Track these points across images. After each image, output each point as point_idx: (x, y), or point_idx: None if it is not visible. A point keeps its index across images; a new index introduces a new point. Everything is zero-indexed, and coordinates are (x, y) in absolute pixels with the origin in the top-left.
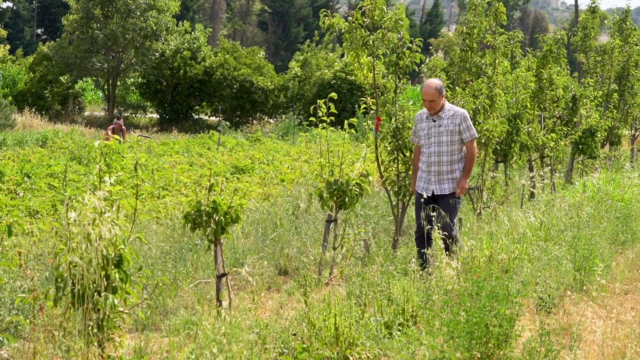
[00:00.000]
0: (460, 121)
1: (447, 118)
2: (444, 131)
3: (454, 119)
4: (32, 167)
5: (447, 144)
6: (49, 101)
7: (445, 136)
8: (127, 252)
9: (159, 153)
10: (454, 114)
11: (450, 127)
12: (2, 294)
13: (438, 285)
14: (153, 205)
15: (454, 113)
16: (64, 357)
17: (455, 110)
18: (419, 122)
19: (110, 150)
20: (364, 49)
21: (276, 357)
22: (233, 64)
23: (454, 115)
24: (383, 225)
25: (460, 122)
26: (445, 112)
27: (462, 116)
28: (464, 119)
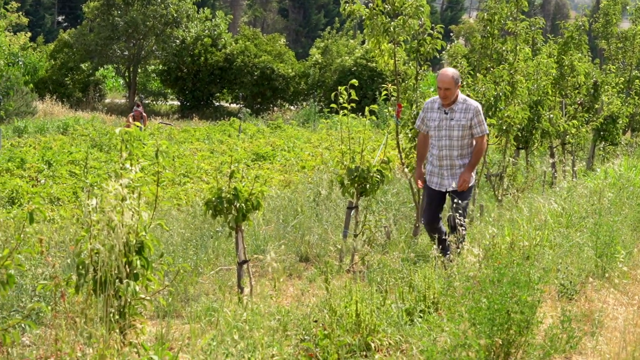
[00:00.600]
0: (472, 115)
1: (460, 111)
2: (456, 125)
3: (466, 113)
4: (53, 154)
5: (458, 138)
6: (69, 88)
7: (457, 131)
8: (149, 239)
9: (179, 140)
10: (467, 108)
11: (463, 122)
12: (24, 281)
13: (459, 272)
14: (174, 192)
15: (467, 106)
16: (85, 343)
17: (469, 104)
18: (428, 111)
19: (132, 137)
20: (384, 36)
21: (297, 344)
22: (254, 51)
23: (467, 109)
24: (404, 212)
25: (473, 116)
26: (458, 105)
27: (474, 110)
28: (477, 113)
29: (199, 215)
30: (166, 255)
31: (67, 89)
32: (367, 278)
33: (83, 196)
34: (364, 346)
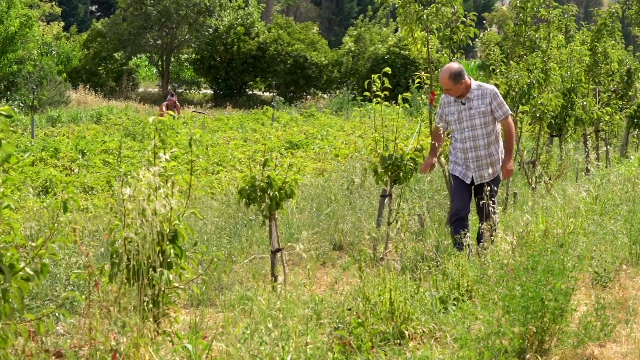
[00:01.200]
0: (490, 100)
1: (477, 98)
2: (476, 114)
3: (483, 99)
4: (86, 143)
5: (481, 126)
6: (103, 78)
7: (478, 118)
8: (182, 228)
9: (213, 129)
10: (483, 93)
11: (482, 108)
12: (57, 270)
13: (493, 259)
14: (207, 181)
15: (483, 92)
16: (119, 332)
17: (484, 89)
18: (446, 106)
19: (165, 126)
20: (417, 24)
21: (331, 332)
22: (287, 40)
23: (482, 94)
24: (438, 199)
25: (491, 100)
26: (474, 92)
27: (491, 94)
28: (494, 96)
29: (232, 204)
30: (200, 244)
31: (101, 78)
32: (401, 266)
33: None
34: (397, 334)
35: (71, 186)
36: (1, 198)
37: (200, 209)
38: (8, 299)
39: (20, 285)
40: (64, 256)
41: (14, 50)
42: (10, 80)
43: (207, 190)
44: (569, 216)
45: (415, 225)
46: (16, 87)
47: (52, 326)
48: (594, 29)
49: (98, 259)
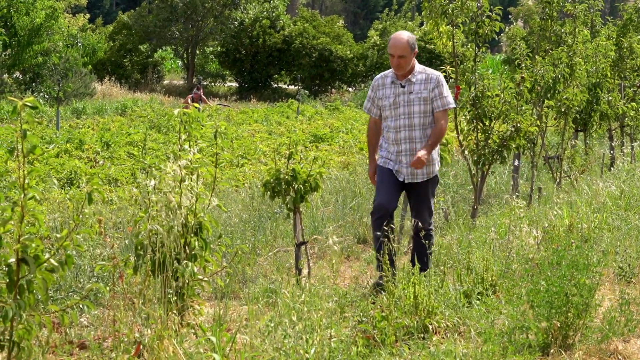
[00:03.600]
0: (434, 86)
1: (419, 82)
2: (416, 99)
3: (427, 84)
4: (111, 135)
5: (419, 115)
6: (128, 70)
7: (418, 105)
8: (207, 220)
9: (238, 122)
10: (428, 78)
11: (424, 94)
12: (82, 262)
13: (518, 254)
14: (232, 174)
15: (428, 76)
16: (143, 324)
17: (429, 73)
18: (380, 89)
19: (190, 118)
20: (443, 18)
21: (355, 326)
22: (312, 33)
23: (427, 79)
24: (462, 194)
25: (435, 86)
26: (416, 75)
27: (437, 80)
28: (439, 83)
29: (257, 197)
30: (224, 237)
31: (126, 70)
32: None
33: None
34: (421, 328)
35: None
36: (26, 189)
37: (224, 202)
38: (32, 290)
39: (44, 277)
40: (89, 248)
41: (40, 41)
42: (35, 72)
43: (232, 183)
44: (593, 211)
45: (439, 219)
46: (41, 79)
47: (76, 318)
48: (619, 24)
49: (122, 250)
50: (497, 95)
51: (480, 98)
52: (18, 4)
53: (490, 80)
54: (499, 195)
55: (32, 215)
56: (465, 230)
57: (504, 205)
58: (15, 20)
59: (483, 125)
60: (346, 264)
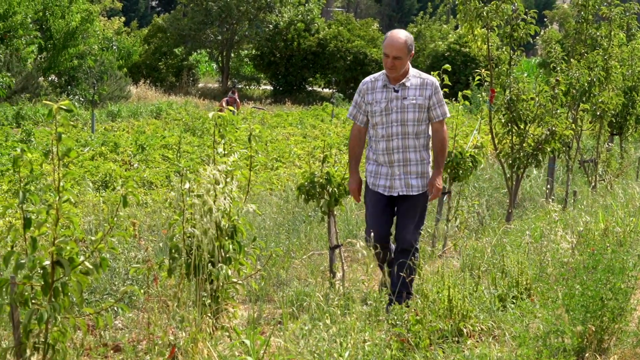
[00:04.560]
0: (431, 93)
1: (414, 88)
2: (410, 106)
3: (423, 89)
4: (146, 138)
5: (413, 122)
6: (163, 73)
7: (412, 112)
8: (241, 223)
9: (272, 125)
10: (424, 83)
11: (419, 101)
12: (116, 264)
13: (553, 258)
14: (267, 177)
15: (423, 81)
16: (177, 327)
17: (425, 78)
18: (369, 93)
19: (224, 121)
20: (477, 21)
21: (389, 329)
22: (347, 36)
23: (422, 84)
24: (497, 197)
25: (432, 94)
26: (411, 80)
27: (433, 86)
28: (436, 90)
29: (291, 200)
30: (259, 240)
31: (161, 73)
32: (460, 263)
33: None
34: (456, 332)
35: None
36: (61, 192)
37: (259, 205)
38: (67, 292)
39: (79, 279)
40: (123, 250)
41: (75, 45)
42: (71, 75)
43: (266, 186)
44: (629, 215)
45: (474, 222)
46: (77, 82)
47: (110, 320)
48: None
49: (157, 253)
50: (532, 98)
51: (515, 101)
52: (54, 8)
53: (526, 84)
54: (534, 198)
55: (67, 217)
56: (499, 234)
57: (538, 209)
58: (50, 23)
59: (518, 128)
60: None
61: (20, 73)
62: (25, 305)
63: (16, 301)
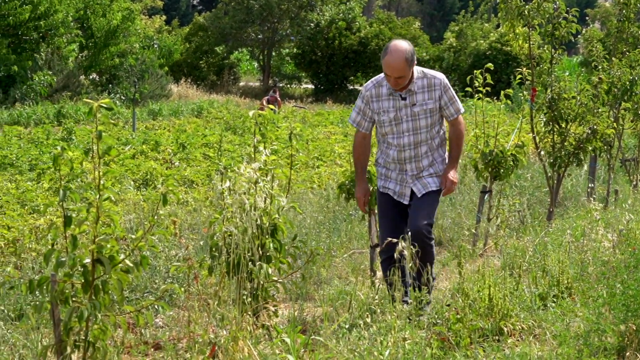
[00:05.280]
0: (440, 93)
1: (422, 90)
2: (421, 112)
3: (431, 91)
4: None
5: (426, 129)
6: (204, 71)
7: (424, 119)
8: (282, 222)
9: (313, 123)
10: (430, 84)
11: (430, 105)
12: (157, 263)
13: (594, 257)
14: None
15: (430, 82)
16: (218, 325)
17: (431, 78)
18: (374, 100)
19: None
20: (519, 19)
21: (430, 328)
22: (388, 35)
23: (429, 85)
24: (538, 196)
25: (442, 93)
26: (417, 83)
27: (442, 85)
28: (445, 88)
29: (332, 199)
30: (299, 238)
31: (202, 72)
32: (501, 262)
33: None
34: (496, 330)
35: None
36: (102, 190)
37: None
38: (108, 290)
39: (119, 277)
40: (164, 249)
41: (116, 43)
42: (112, 74)
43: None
44: None
45: (515, 221)
46: (118, 80)
47: (151, 318)
48: None
49: (197, 252)
50: (573, 97)
51: (557, 100)
52: (95, 6)
53: (567, 83)
54: (575, 197)
55: (108, 216)
56: (540, 233)
57: (580, 207)
58: (92, 22)
59: (559, 127)
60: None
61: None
62: (66, 303)
63: (57, 299)
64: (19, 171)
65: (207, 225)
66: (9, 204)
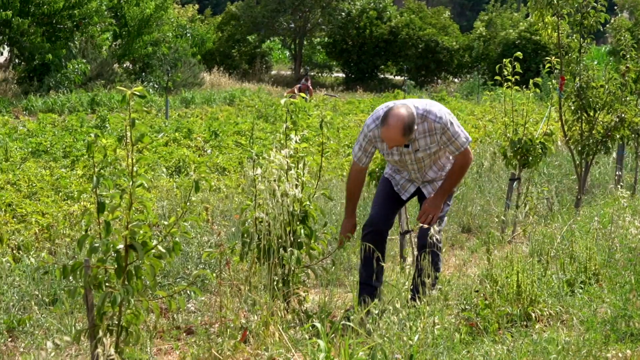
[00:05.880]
0: (440, 134)
1: (423, 136)
2: (426, 157)
3: (433, 136)
4: (219, 124)
5: (431, 164)
6: (236, 60)
7: (429, 158)
8: (312, 209)
9: (344, 112)
10: (430, 128)
11: (432, 148)
12: (189, 249)
13: (621, 243)
14: (338, 163)
15: (430, 126)
16: (249, 310)
17: (431, 121)
18: (378, 141)
19: (297, 107)
20: (548, 9)
21: (458, 313)
22: (418, 24)
23: (430, 130)
24: (566, 184)
25: (441, 134)
26: (418, 129)
27: (441, 128)
28: (444, 130)
29: None
30: (329, 225)
31: (234, 60)
32: (529, 249)
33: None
34: (524, 316)
35: (203, 166)
36: (134, 177)
37: (330, 190)
38: (140, 276)
39: (152, 263)
40: (196, 235)
41: (149, 32)
42: (145, 62)
43: (338, 172)
44: None
45: (543, 208)
46: (151, 69)
47: (183, 303)
48: None
49: (229, 238)
50: (601, 86)
51: (585, 89)
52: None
53: (595, 71)
54: (603, 185)
55: (140, 202)
56: (568, 220)
57: (607, 195)
58: (125, 11)
59: (587, 115)
60: (450, 252)
61: (95, 60)
62: (99, 288)
63: (90, 284)
64: (53, 158)
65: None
66: (44, 190)
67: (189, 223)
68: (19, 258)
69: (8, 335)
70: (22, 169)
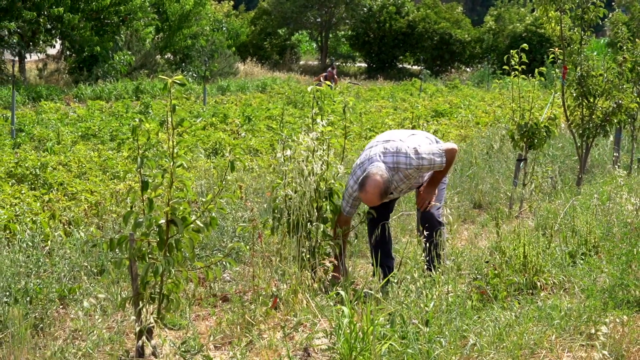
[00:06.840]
0: (418, 172)
1: (402, 182)
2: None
3: (410, 179)
4: (252, 110)
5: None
6: (268, 51)
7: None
8: (337, 187)
9: (366, 98)
10: (406, 175)
11: (416, 184)
12: (225, 223)
13: (618, 218)
14: (360, 145)
15: (405, 174)
16: (280, 280)
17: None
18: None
19: (322, 94)
20: (552, 4)
21: (470, 282)
22: (434, 18)
23: (406, 176)
24: (568, 164)
25: (419, 171)
26: (395, 179)
27: (416, 169)
28: (419, 168)
29: None
30: None
31: (266, 52)
32: (534, 223)
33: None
34: (530, 285)
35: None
36: (175, 158)
37: None
38: (180, 248)
39: (191, 236)
40: (231, 211)
41: (189, 26)
42: (185, 54)
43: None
44: None
45: (547, 186)
46: (190, 60)
47: (219, 273)
48: None
49: (261, 213)
50: (600, 75)
51: (586, 77)
52: None
53: (595, 62)
54: (602, 165)
55: (181, 181)
56: (570, 197)
57: (606, 174)
58: (167, 7)
59: (588, 102)
60: (463, 227)
61: (140, 52)
62: (143, 260)
63: (135, 256)
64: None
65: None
66: (92, 170)
67: (224, 200)
68: (69, 232)
69: (60, 303)
70: (73, 151)
